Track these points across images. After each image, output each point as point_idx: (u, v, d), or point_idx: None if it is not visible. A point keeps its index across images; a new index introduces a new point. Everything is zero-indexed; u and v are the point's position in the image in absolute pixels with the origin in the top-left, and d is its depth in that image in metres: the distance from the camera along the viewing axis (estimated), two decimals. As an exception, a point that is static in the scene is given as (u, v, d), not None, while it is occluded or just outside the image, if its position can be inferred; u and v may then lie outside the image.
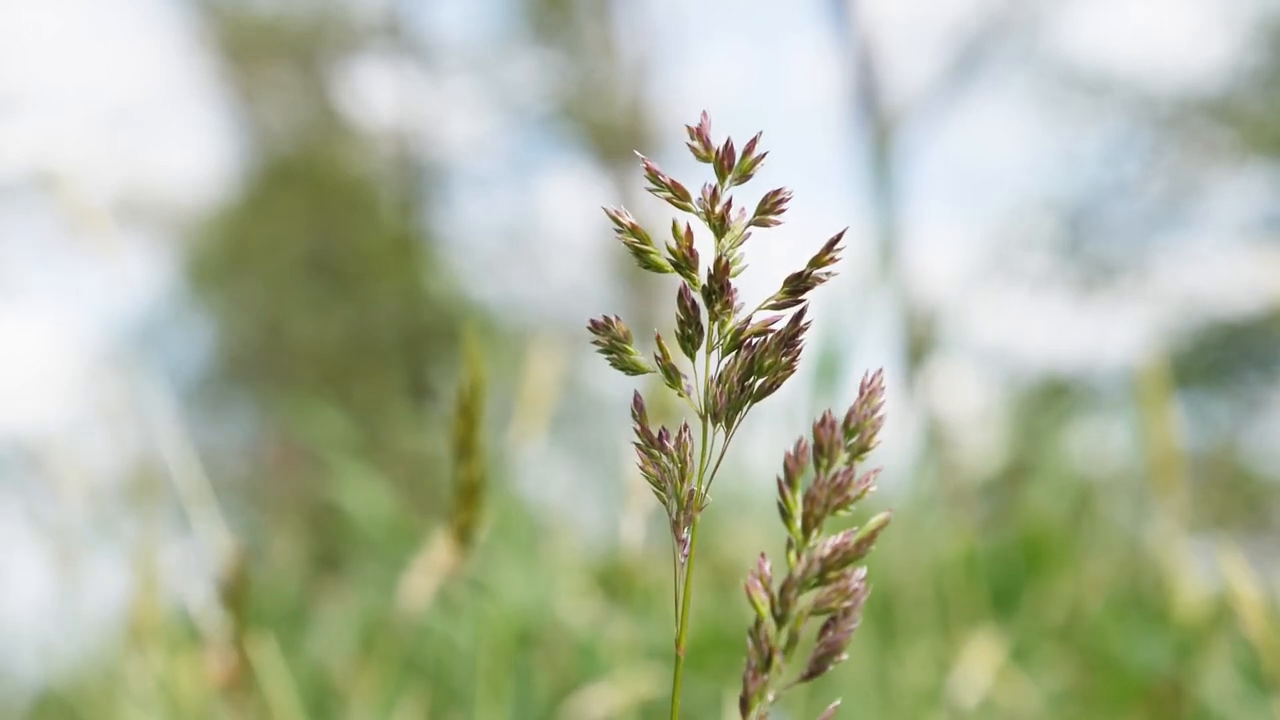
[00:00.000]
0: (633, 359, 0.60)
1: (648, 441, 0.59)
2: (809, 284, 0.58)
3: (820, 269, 0.58)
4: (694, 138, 0.58)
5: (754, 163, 0.58)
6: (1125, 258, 9.35)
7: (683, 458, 0.59)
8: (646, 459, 0.59)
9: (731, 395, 0.58)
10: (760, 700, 0.54)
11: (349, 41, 11.84)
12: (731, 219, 0.58)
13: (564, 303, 11.18)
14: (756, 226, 0.59)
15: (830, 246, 0.58)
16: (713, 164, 0.58)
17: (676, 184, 0.59)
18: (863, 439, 0.55)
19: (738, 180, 0.58)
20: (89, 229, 1.56)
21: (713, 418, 0.58)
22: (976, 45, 9.58)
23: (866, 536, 0.54)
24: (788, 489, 0.55)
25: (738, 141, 0.58)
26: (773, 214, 0.59)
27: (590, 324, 0.60)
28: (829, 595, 0.54)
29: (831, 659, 0.55)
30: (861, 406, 0.55)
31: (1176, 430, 1.88)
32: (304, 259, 11.11)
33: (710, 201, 0.58)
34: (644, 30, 11.35)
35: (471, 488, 1.10)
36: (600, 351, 0.60)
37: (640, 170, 0.59)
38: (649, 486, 0.60)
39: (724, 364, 0.59)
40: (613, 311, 0.55)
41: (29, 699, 3.58)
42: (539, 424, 1.79)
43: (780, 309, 0.58)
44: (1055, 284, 9.20)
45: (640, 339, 0.60)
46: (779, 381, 0.58)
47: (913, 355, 2.59)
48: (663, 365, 0.59)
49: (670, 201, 0.59)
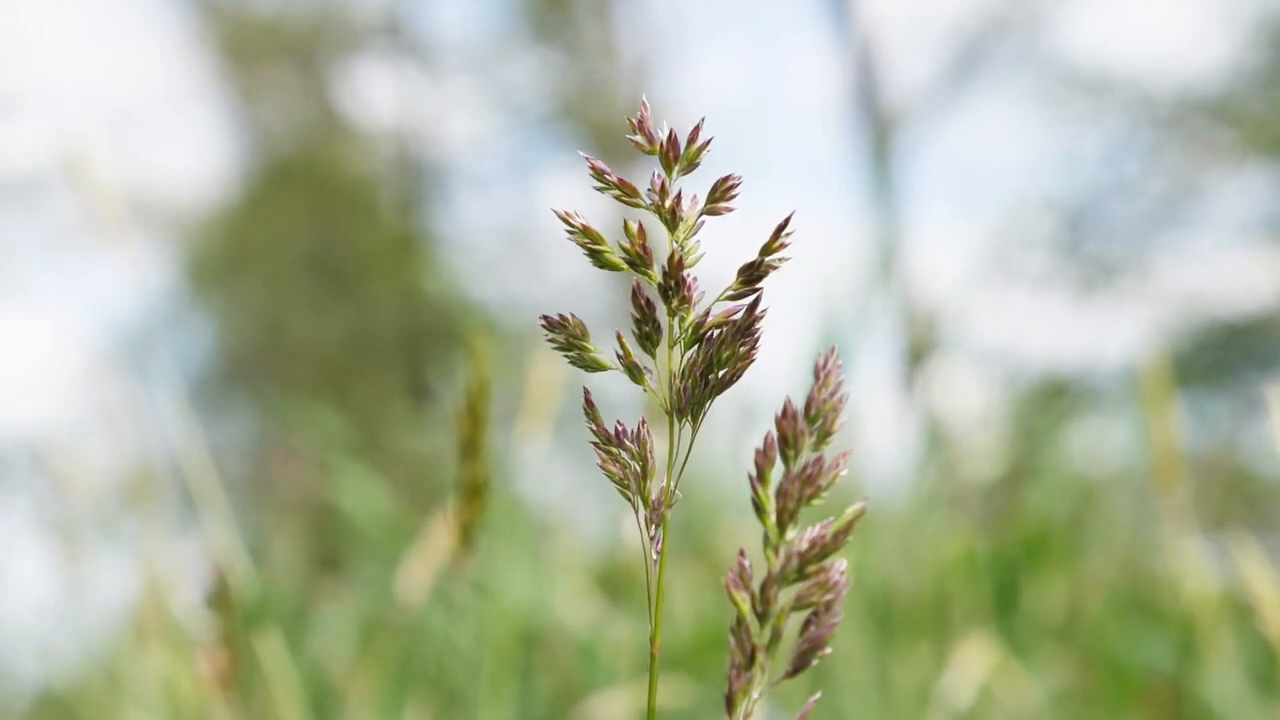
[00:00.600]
0: (592, 356, 0.59)
1: (604, 439, 0.59)
2: (762, 272, 0.57)
3: (772, 256, 0.57)
4: (635, 131, 0.57)
5: (699, 151, 0.57)
6: (1125, 258, 9.34)
7: (643, 455, 0.58)
8: (605, 458, 0.59)
9: (695, 389, 0.58)
10: (745, 698, 0.54)
11: (349, 41, 11.84)
12: (683, 211, 0.57)
13: (564, 303, 11.18)
14: (709, 215, 0.58)
15: (779, 233, 0.57)
16: (658, 156, 0.57)
17: (623, 181, 0.58)
18: (825, 424, 0.54)
19: (685, 171, 0.57)
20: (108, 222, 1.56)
21: (678, 413, 0.58)
22: (976, 45, 9.57)
23: (844, 528, 0.54)
24: (759, 485, 0.55)
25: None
26: (724, 201, 0.58)
27: (543, 321, 0.59)
28: (809, 589, 0.54)
29: (815, 654, 0.54)
30: (820, 391, 0.55)
31: (1177, 430, 1.88)
32: (304, 259, 11.11)
33: (660, 195, 0.57)
34: (644, 30, 11.35)
35: (475, 487, 1.10)
36: (556, 349, 0.59)
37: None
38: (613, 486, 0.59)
39: (686, 358, 0.58)
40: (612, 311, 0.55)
41: (30, 698, 3.58)
42: (542, 425, 1.79)
43: (737, 299, 0.58)
44: (1055, 284, 9.20)
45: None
46: (739, 372, 0.58)
47: (913, 355, 2.59)
48: (624, 362, 0.59)
49: (619, 199, 0.58)
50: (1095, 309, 9.20)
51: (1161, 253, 9.43)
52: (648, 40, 11.34)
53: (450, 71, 11.72)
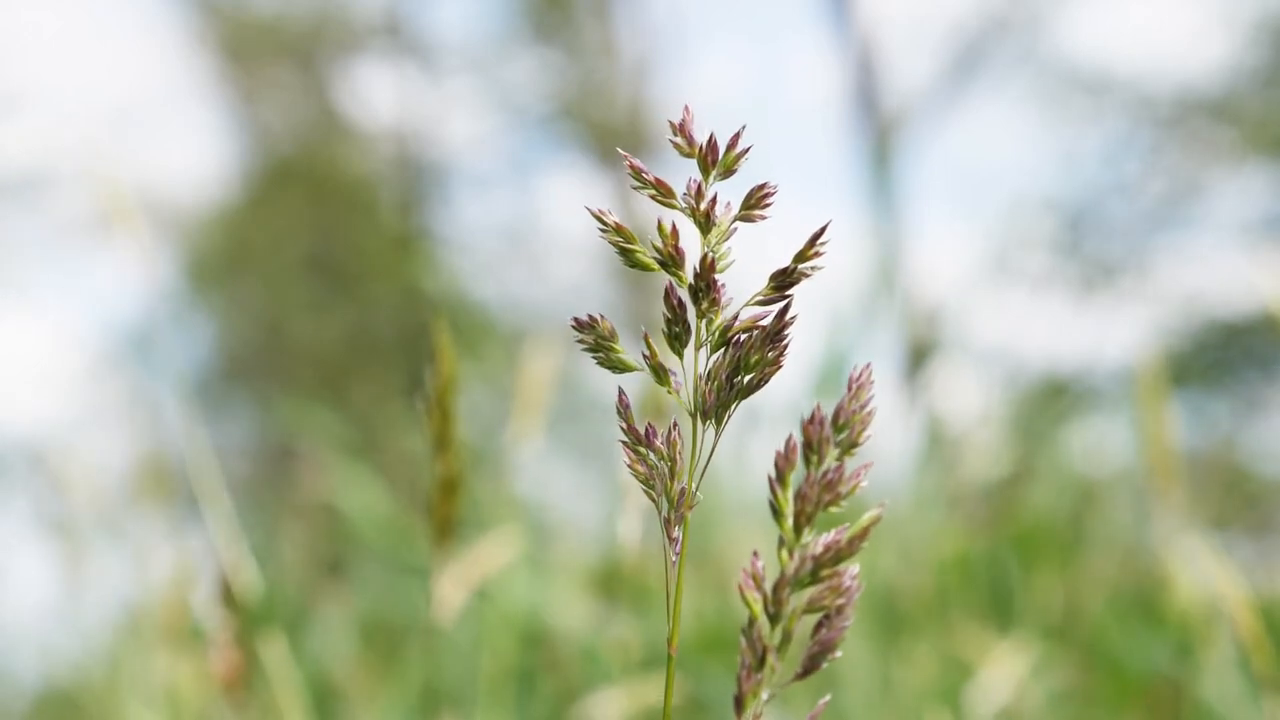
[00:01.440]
0: (619, 357, 0.60)
1: (634, 440, 0.59)
2: (794, 279, 0.58)
3: (805, 264, 0.58)
4: (676, 134, 0.58)
5: (738, 158, 0.58)
6: (1125, 258, 9.34)
7: (672, 455, 0.58)
8: (634, 457, 0.59)
9: (720, 392, 0.58)
10: (755, 699, 0.54)
11: (349, 41, 11.84)
12: (717, 215, 0.58)
13: (564, 302, 11.18)
14: (742, 222, 0.58)
15: (814, 241, 0.57)
16: (696, 160, 0.58)
17: (661, 181, 0.58)
18: (852, 435, 0.55)
19: (722, 176, 0.58)
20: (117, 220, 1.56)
21: (702, 415, 0.58)
22: (976, 45, 9.57)
23: (859, 533, 0.54)
24: (779, 487, 0.55)
25: (724, 138, 0.58)
26: (758, 209, 0.58)
27: (574, 322, 0.59)
28: (822, 593, 0.54)
29: (825, 657, 0.55)
30: (850, 402, 0.55)
31: (1174, 429, 1.89)
32: (304, 259, 11.11)
33: (695, 198, 0.58)
34: (644, 30, 11.35)
35: (450, 482, 1.10)
36: (585, 350, 0.60)
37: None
38: (639, 485, 0.60)
39: (712, 361, 0.58)
40: (612, 310, 0.55)
41: (33, 697, 3.58)
42: (535, 423, 1.79)
43: (767, 304, 0.58)
44: (1055, 284, 9.20)
45: (639, 338, 0.60)
46: (766, 378, 0.58)
47: (914, 356, 2.59)
48: (651, 363, 0.59)
49: (655, 199, 0.58)
50: (1095, 309, 9.20)
51: (1161, 253, 9.44)
52: (648, 40, 11.34)
53: (450, 71, 11.72)
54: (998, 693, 1.69)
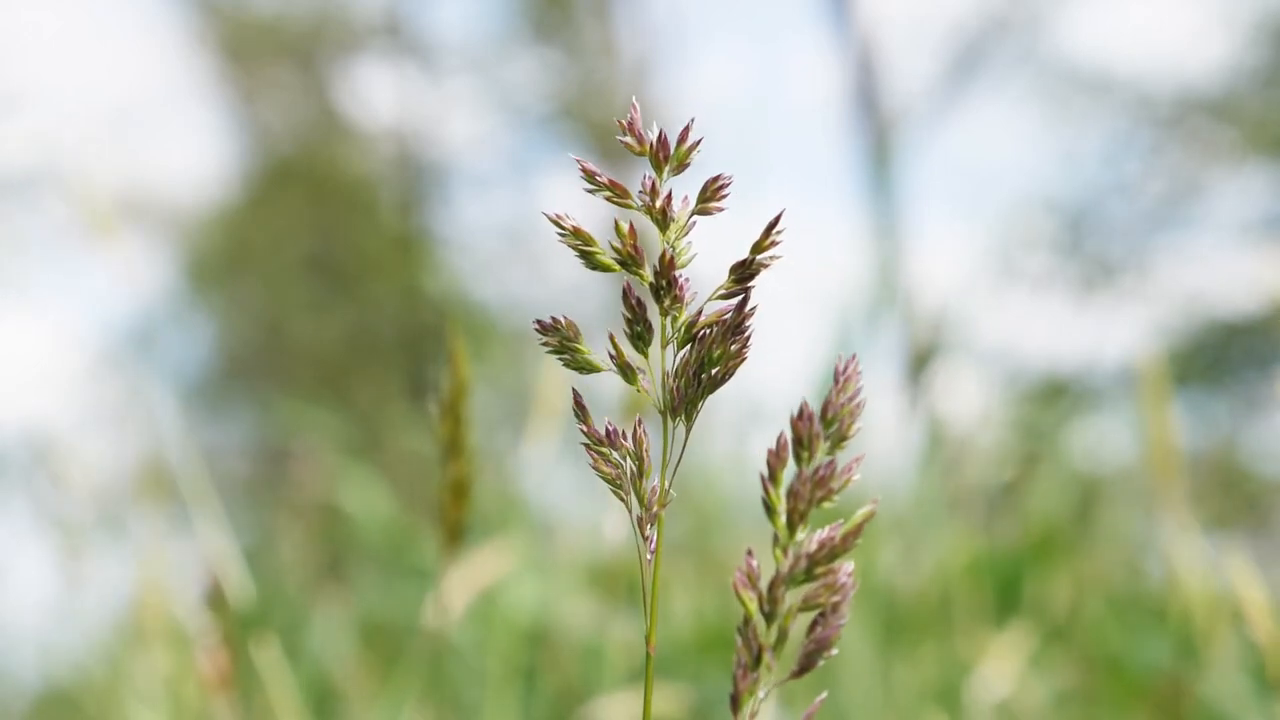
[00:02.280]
0: (585, 358, 0.59)
1: (595, 440, 0.59)
2: (754, 270, 0.57)
3: (763, 254, 0.57)
4: (625, 132, 0.57)
5: (689, 151, 0.57)
6: (1125, 257, 9.35)
7: (639, 454, 0.58)
8: (598, 458, 0.59)
9: (688, 388, 0.58)
10: (751, 698, 0.54)
11: (349, 41, 11.84)
12: (674, 211, 0.57)
13: (564, 303, 11.18)
14: (700, 215, 0.58)
15: (769, 230, 0.57)
16: (648, 157, 0.57)
17: (614, 182, 0.58)
18: (841, 428, 0.54)
19: (675, 171, 0.57)
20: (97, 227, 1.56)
21: (671, 412, 0.58)
22: (976, 45, 9.58)
23: (853, 530, 0.54)
24: (771, 485, 0.55)
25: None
26: (714, 201, 0.58)
27: (537, 325, 0.59)
28: (817, 591, 0.54)
29: (821, 654, 0.54)
30: (838, 395, 0.55)
31: (1175, 429, 1.89)
32: (304, 259, 11.11)
33: (650, 195, 0.57)
34: (644, 30, 11.35)
35: (460, 486, 1.10)
36: (550, 352, 0.59)
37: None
38: (607, 486, 0.59)
39: (679, 358, 0.58)
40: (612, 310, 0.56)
41: (33, 696, 3.58)
42: (552, 427, 1.79)
43: (729, 298, 0.58)
44: (1056, 284, 9.20)
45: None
46: (731, 371, 0.58)
47: (916, 356, 2.59)
48: (618, 363, 0.59)
49: (610, 200, 0.58)
50: (1095, 309, 9.20)
51: (1161, 252, 9.44)
52: (648, 40, 11.34)
53: (450, 71, 11.72)
54: (996, 687, 1.69)
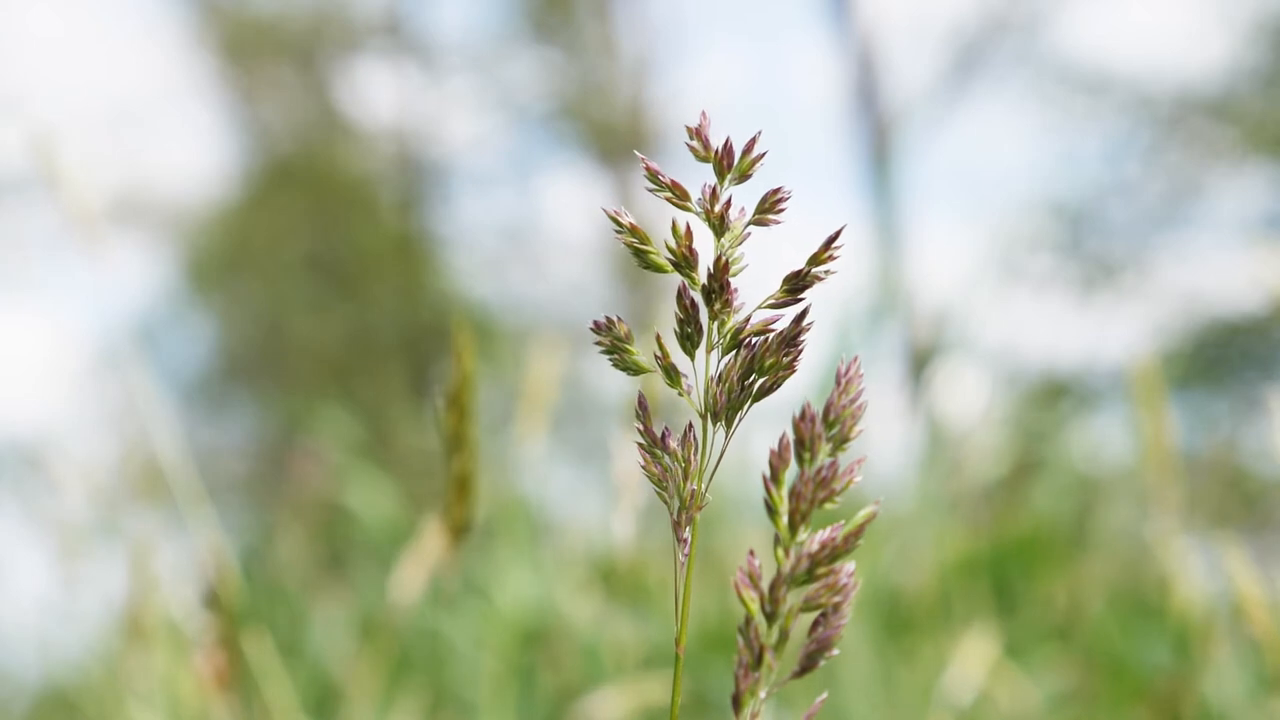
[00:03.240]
0: (634, 359, 0.60)
1: (650, 441, 0.59)
2: (808, 283, 0.58)
3: (819, 267, 0.58)
4: (693, 138, 0.58)
5: (753, 162, 0.58)
6: (1126, 257, 9.35)
7: (686, 457, 0.59)
8: (649, 459, 0.59)
9: (731, 395, 0.58)
10: (752, 698, 0.54)
11: (349, 41, 11.85)
12: (731, 218, 0.58)
13: (564, 302, 11.19)
14: (756, 226, 0.58)
15: (829, 244, 0.58)
16: (712, 164, 0.58)
17: (676, 184, 0.58)
18: (843, 430, 0.55)
19: (737, 180, 0.58)
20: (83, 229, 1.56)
21: (713, 417, 0.58)
22: (976, 45, 9.58)
23: (854, 530, 0.54)
24: (773, 485, 0.55)
25: (739, 142, 0.58)
26: (772, 213, 0.58)
27: (593, 325, 0.60)
28: (818, 591, 0.54)
29: (822, 655, 0.54)
30: (840, 397, 0.55)
31: (1171, 428, 1.89)
32: (304, 258, 11.11)
33: (710, 201, 0.58)
34: (644, 29, 11.35)
35: (464, 481, 1.10)
36: (603, 352, 0.60)
37: (640, 169, 0.58)
38: (650, 485, 0.60)
39: (724, 363, 0.58)
40: (612, 310, 0.55)
41: (30, 696, 3.58)
42: (540, 423, 1.79)
43: (779, 308, 0.58)
44: (1056, 283, 9.20)
45: (639, 338, 0.60)
46: (779, 381, 0.58)
47: (916, 356, 2.59)
48: (663, 365, 0.59)
49: (670, 201, 0.58)
50: (1096, 308, 9.20)
51: (1161, 252, 9.44)
52: (648, 39, 11.35)
53: (450, 71, 11.72)
54: (971, 680, 1.69)
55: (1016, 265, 9.05)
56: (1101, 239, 9.43)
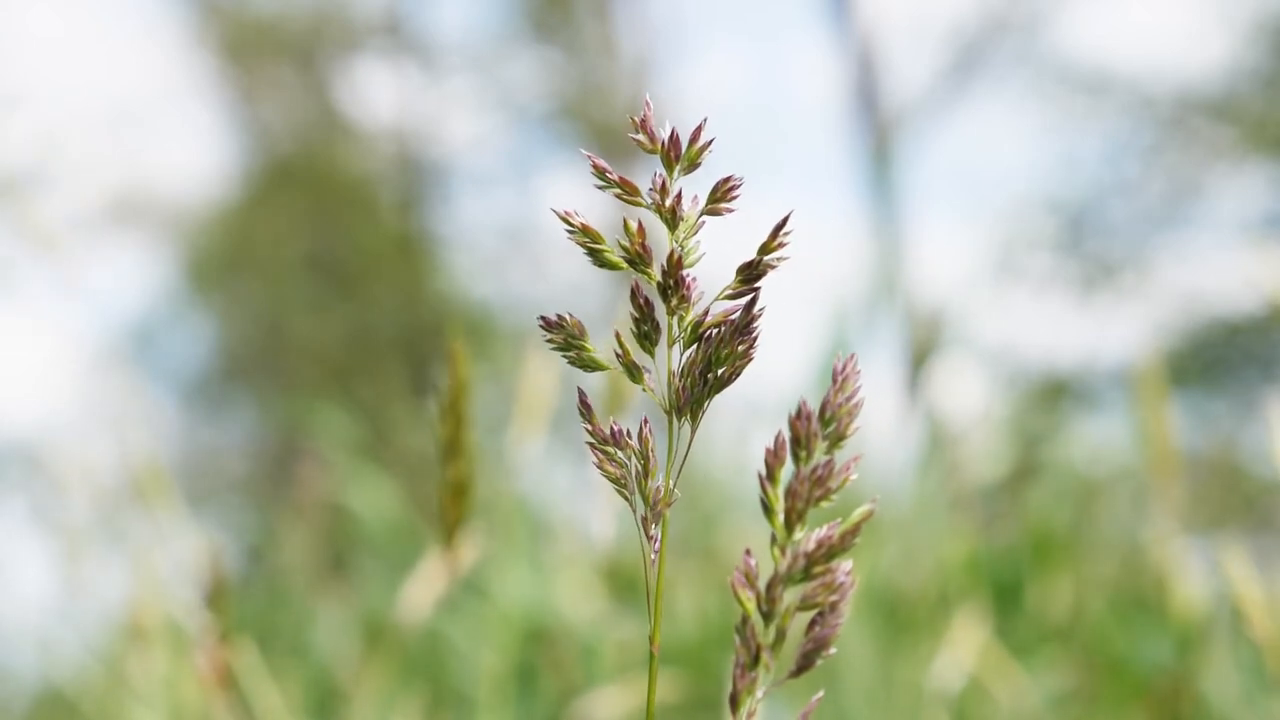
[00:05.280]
0: (590, 356, 0.59)
1: (600, 439, 0.59)
2: (761, 271, 0.57)
3: (770, 255, 0.57)
4: (638, 130, 0.57)
5: (700, 151, 0.57)
6: (1126, 257, 9.35)
7: (645, 454, 0.58)
8: (603, 457, 0.59)
9: (694, 388, 0.58)
10: (749, 697, 0.54)
11: (349, 40, 11.84)
12: (684, 210, 0.57)
13: (565, 301, 11.18)
14: (709, 215, 0.58)
15: (777, 232, 0.57)
16: (659, 156, 0.57)
17: (625, 180, 0.58)
18: (839, 428, 0.54)
19: (686, 170, 0.57)
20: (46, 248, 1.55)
21: (676, 412, 0.58)
22: (976, 45, 9.58)
23: (851, 529, 0.54)
24: (768, 484, 0.55)
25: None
26: (724, 202, 0.58)
27: (542, 321, 0.59)
28: (815, 590, 0.54)
29: (820, 654, 0.54)
30: (836, 395, 0.55)
31: (1173, 428, 1.89)
32: (304, 258, 11.11)
33: (660, 194, 0.57)
34: (644, 29, 11.35)
35: (460, 487, 1.10)
36: (555, 349, 0.59)
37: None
38: (610, 486, 0.59)
39: (685, 357, 0.58)
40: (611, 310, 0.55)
41: (30, 696, 3.58)
42: (538, 424, 1.79)
43: (736, 298, 0.58)
44: (1056, 283, 9.20)
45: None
46: (738, 371, 0.58)
47: (915, 355, 2.59)
48: (623, 361, 0.59)
49: (619, 198, 0.58)
50: (1095, 308, 9.20)
51: (1161, 252, 9.44)
52: (648, 39, 11.35)
53: (450, 70, 11.72)
54: (961, 666, 1.70)
55: (1016, 265, 9.05)
56: (1101, 239, 9.43)
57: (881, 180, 7.69)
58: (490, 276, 11.54)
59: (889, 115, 8.54)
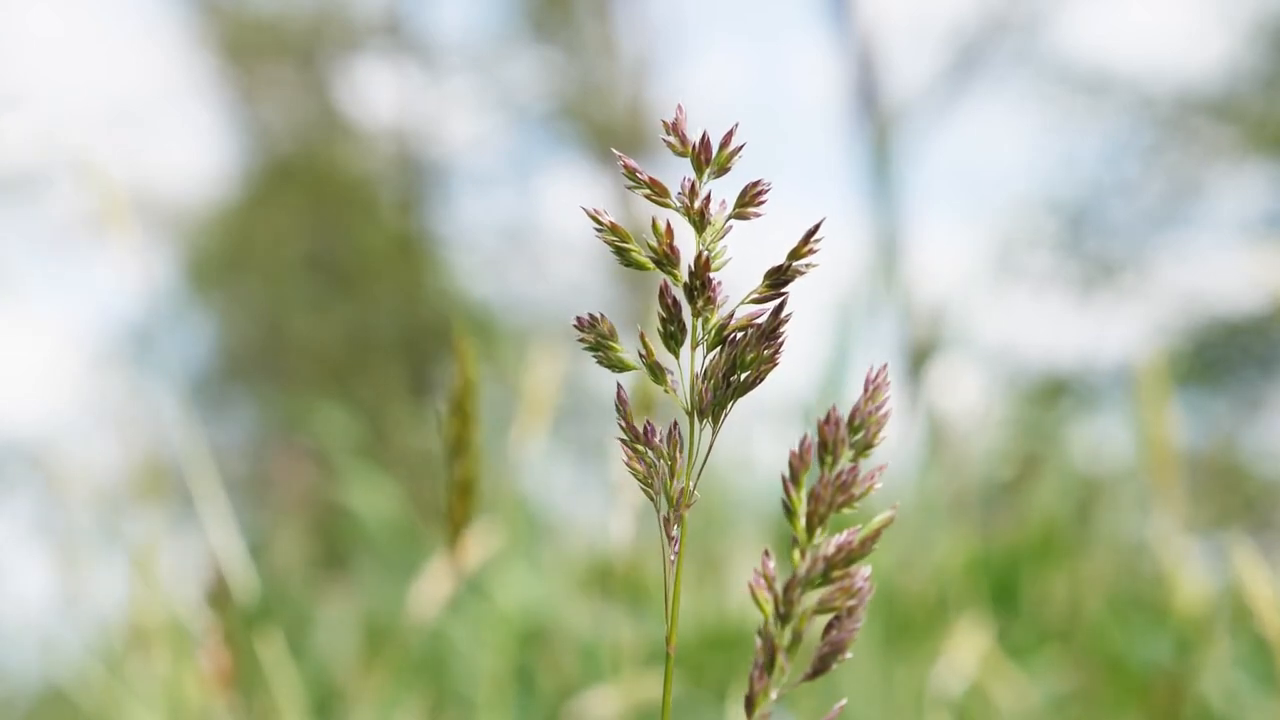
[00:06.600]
0: (618, 356, 0.59)
1: (633, 437, 0.59)
2: (789, 276, 0.58)
3: (799, 261, 0.57)
4: (669, 133, 0.57)
5: (731, 155, 0.57)
6: (1126, 257, 9.35)
7: (672, 454, 0.58)
8: (632, 455, 0.59)
9: (717, 391, 0.58)
10: (765, 699, 0.54)
11: (349, 40, 11.84)
12: (711, 213, 0.57)
13: (565, 301, 11.18)
14: (737, 220, 0.58)
15: (808, 238, 0.57)
16: (690, 159, 0.57)
17: (655, 180, 0.58)
18: (867, 436, 0.55)
19: (716, 174, 0.57)
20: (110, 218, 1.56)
21: (699, 413, 0.58)
22: (976, 45, 9.58)
23: (871, 535, 0.54)
24: (792, 487, 0.55)
25: (717, 135, 0.58)
26: (752, 206, 0.58)
27: (576, 321, 0.59)
28: (833, 594, 0.54)
29: (835, 658, 0.54)
30: (866, 403, 0.55)
31: (1174, 428, 1.89)
32: (304, 258, 11.11)
33: (689, 196, 0.57)
34: (644, 29, 11.35)
35: (466, 486, 1.10)
36: (586, 349, 0.59)
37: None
38: (636, 484, 0.60)
39: (709, 360, 0.58)
40: (612, 310, 0.55)
41: (31, 696, 3.58)
42: (541, 423, 1.79)
43: (762, 302, 0.58)
44: (1056, 283, 9.20)
45: (637, 337, 0.60)
46: (763, 376, 0.58)
47: (916, 355, 2.59)
48: (647, 362, 0.59)
49: (649, 199, 0.58)
50: (1096, 308, 9.20)
51: (1161, 252, 9.44)
52: (648, 39, 11.35)
53: (450, 70, 11.72)
54: (963, 669, 1.70)
55: (1016, 264, 9.05)
56: (1101, 239, 9.43)
57: (881, 180, 7.69)
58: (490, 276, 11.54)
59: (889, 115, 8.54)
